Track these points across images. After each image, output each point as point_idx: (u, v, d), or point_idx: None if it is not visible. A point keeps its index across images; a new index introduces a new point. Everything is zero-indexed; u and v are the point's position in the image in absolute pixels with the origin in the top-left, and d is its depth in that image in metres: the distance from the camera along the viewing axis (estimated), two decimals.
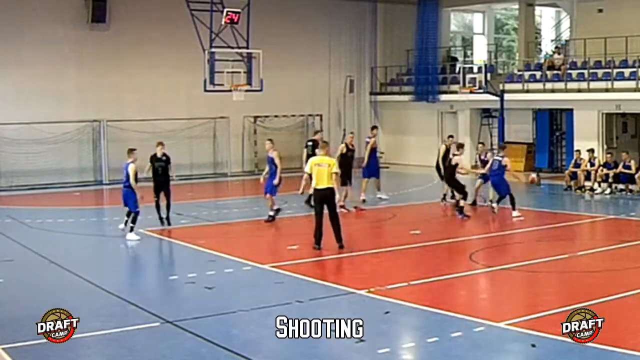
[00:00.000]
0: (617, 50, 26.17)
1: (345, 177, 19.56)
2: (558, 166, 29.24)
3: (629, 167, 22.93)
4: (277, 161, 18.16)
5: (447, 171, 19.72)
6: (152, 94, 28.48)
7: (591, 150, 23.95)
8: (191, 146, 29.33)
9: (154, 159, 17.98)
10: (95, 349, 9.33)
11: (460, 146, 20.33)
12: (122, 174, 16.67)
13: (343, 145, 20.87)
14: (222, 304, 11.36)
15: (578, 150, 24.42)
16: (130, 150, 16.73)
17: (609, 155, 24.13)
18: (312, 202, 15.82)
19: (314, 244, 14.89)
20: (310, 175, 14.99)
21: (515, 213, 18.70)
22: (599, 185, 23.40)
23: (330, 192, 14.80)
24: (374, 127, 23.76)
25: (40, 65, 26.53)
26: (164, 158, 18.02)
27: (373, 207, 20.92)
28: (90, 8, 27.14)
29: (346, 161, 20.08)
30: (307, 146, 21.23)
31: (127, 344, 9.52)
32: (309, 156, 20.25)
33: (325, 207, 14.85)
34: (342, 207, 19.11)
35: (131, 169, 16.33)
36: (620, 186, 23.12)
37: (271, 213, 18.41)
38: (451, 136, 22.72)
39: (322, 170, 14.88)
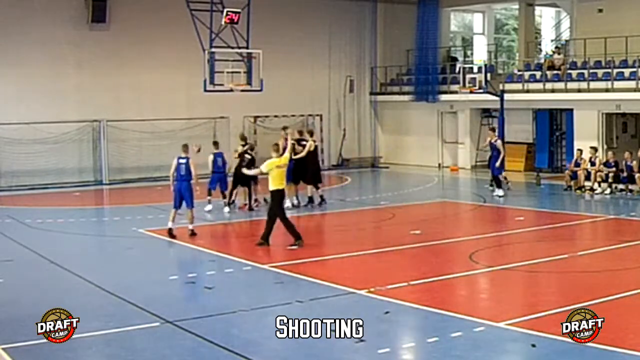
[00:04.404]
0: (617, 50, 26.15)
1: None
2: (558, 166, 29.24)
3: (630, 167, 22.90)
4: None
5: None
6: (152, 94, 28.45)
7: (594, 148, 23.92)
8: (191, 146, 29.23)
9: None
10: (95, 349, 9.33)
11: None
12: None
13: (311, 142, 20.36)
14: (222, 304, 11.35)
15: (580, 150, 24.38)
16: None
17: (610, 153, 24.10)
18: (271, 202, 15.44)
19: (258, 241, 15.19)
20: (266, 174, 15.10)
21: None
22: (599, 185, 23.38)
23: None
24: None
25: (40, 65, 26.50)
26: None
27: (373, 207, 20.92)
28: (90, 8, 27.11)
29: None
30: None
31: (127, 344, 9.52)
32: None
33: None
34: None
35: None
36: (620, 186, 23.11)
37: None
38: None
39: (283, 171, 15.22)
